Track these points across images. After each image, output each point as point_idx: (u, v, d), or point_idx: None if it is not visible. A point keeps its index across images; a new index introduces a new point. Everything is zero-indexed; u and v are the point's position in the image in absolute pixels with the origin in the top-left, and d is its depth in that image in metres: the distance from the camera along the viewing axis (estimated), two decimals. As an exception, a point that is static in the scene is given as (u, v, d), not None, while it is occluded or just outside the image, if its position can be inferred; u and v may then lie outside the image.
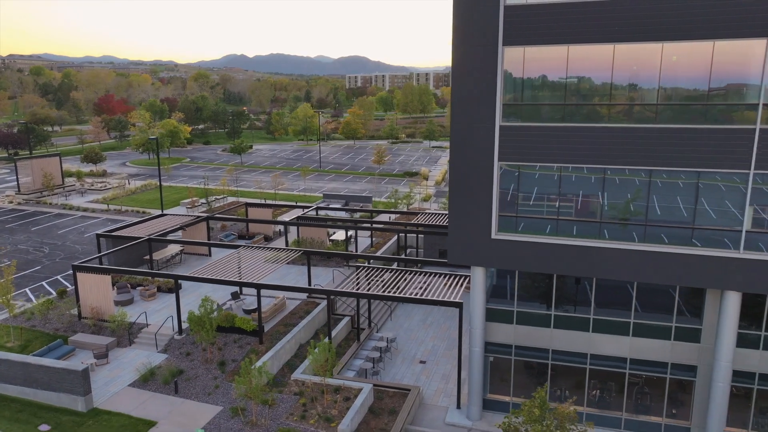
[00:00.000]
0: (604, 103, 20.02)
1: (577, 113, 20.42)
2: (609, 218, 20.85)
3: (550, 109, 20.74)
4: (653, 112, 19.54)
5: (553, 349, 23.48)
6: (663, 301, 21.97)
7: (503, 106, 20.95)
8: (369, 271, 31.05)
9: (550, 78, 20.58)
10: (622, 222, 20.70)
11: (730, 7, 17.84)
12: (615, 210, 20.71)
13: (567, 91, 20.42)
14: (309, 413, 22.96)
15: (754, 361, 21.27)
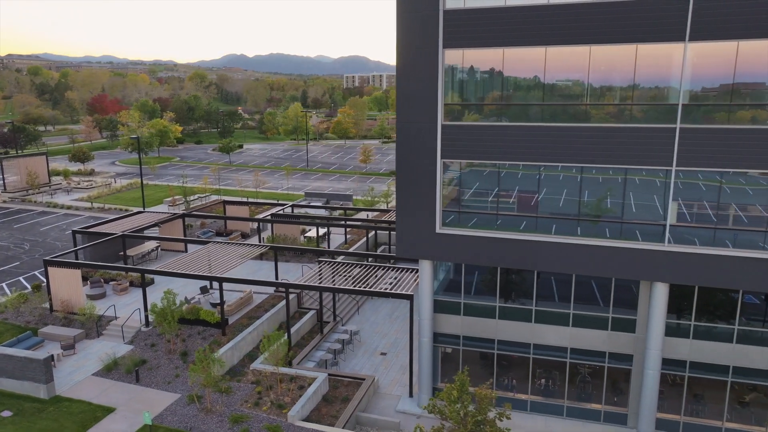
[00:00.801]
0: (535, 103, 21.01)
1: (515, 113, 21.39)
2: (548, 213, 21.84)
3: (489, 109, 21.70)
4: (584, 111, 20.52)
5: (498, 339, 24.44)
6: (601, 293, 22.95)
7: (444, 105, 21.91)
8: (335, 266, 32.00)
9: (488, 79, 21.56)
10: (556, 217, 21.68)
11: (651, 13, 18.80)
12: (553, 205, 21.69)
13: (504, 92, 21.40)
14: (263, 401, 23.91)
15: (684, 350, 22.25)
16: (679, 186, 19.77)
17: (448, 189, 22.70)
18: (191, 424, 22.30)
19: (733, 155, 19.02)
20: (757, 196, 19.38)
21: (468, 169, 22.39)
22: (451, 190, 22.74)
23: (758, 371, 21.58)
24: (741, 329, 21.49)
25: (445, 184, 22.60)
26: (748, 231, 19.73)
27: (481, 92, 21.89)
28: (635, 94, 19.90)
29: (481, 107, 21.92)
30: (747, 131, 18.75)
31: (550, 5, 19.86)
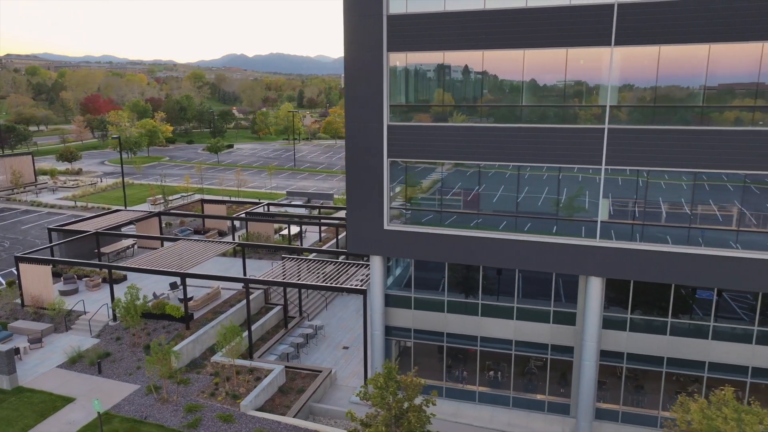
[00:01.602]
0: (473, 104, 21.89)
1: (455, 113, 22.27)
2: (489, 210, 22.71)
3: (435, 110, 22.57)
4: (519, 112, 21.39)
5: (447, 332, 25.31)
6: (544, 288, 23.81)
7: (390, 107, 22.78)
8: (301, 263, 32.83)
9: (432, 80, 22.43)
10: (496, 214, 22.56)
11: (580, 19, 19.67)
12: (494, 202, 22.56)
13: (446, 94, 22.27)
14: (219, 391, 24.76)
15: (622, 342, 23.12)
16: (620, 183, 20.66)
17: (398, 187, 23.57)
18: (147, 413, 23.15)
19: (658, 154, 19.89)
20: (688, 193, 20.28)
21: (420, 168, 23.23)
22: (401, 188, 23.60)
23: (691, 362, 22.45)
24: (674, 322, 22.36)
25: (395, 181, 23.48)
26: (679, 227, 20.60)
27: (425, 94, 22.75)
28: (567, 96, 20.77)
29: (428, 108, 22.78)
30: (669, 132, 19.63)
31: (486, 11, 20.73)
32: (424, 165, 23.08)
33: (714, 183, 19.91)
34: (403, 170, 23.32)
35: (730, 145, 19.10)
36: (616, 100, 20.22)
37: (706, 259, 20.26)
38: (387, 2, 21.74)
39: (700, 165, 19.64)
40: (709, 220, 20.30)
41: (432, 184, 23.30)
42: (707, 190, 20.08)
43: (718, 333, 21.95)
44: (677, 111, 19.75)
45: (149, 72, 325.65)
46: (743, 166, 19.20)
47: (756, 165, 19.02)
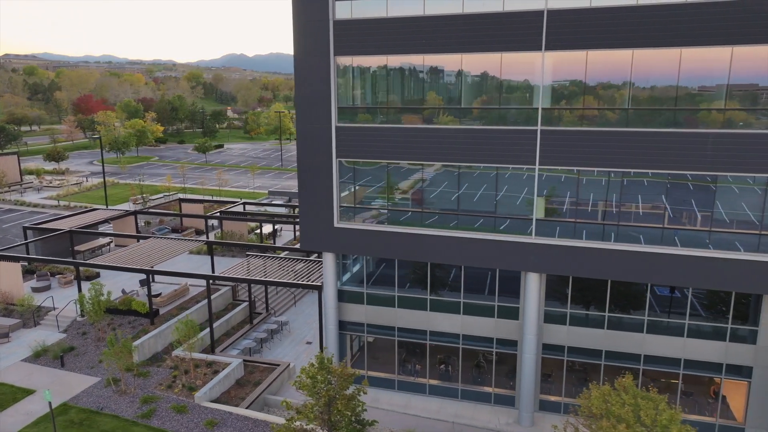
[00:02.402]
0: (416, 106, 22.73)
1: (404, 115, 23.10)
2: (431, 208, 23.55)
3: (378, 111, 23.42)
4: (458, 114, 22.24)
5: (398, 327, 26.14)
6: (489, 283, 24.64)
7: (338, 108, 23.61)
8: (266, 260, 33.65)
9: (378, 83, 23.27)
10: (437, 212, 23.42)
11: (511, 25, 20.51)
12: (438, 201, 23.41)
13: (389, 96, 23.12)
14: (176, 384, 25.59)
15: (562, 336, 23.98)
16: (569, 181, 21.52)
17: (350, 186, 24.40)
18: (104, 404, 23.97)
19: (588, 155, 20.75)
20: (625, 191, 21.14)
21: (369, 167, 24.01)
22: (352, 187, 24.43)
23: (628, 355, 23.31)
24: (611, 316, 23.21)
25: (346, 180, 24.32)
26: (613, 225, 21.46)
27: (372, 96, 23.59)
28: (503, 99, 21.63)
29: (374, 110, 23.62)
30: (597, 133, 20.48)
31: (425, 17, 21.58)
32: (384, 164, 23.90)
33: (658, 180, 20.77)
34: (359, 169, 24.14)
35: (653, 146, 19.95)
36: (549, 103, 21.08)
37: (637, 256, 21.10)
38: (333, 8, 22.57)
39: (627, 165, 20.50)
40: (647, 218, 21.13)
41: (377, 183, 24.14)
42: (652, 189, 20.94)
43: (651, 327, 22.81)
44: (608, 113, 20.61)
45: (147, 72, 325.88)
46: (666, 166, 20.05)
47: (677, 165, 19.88)
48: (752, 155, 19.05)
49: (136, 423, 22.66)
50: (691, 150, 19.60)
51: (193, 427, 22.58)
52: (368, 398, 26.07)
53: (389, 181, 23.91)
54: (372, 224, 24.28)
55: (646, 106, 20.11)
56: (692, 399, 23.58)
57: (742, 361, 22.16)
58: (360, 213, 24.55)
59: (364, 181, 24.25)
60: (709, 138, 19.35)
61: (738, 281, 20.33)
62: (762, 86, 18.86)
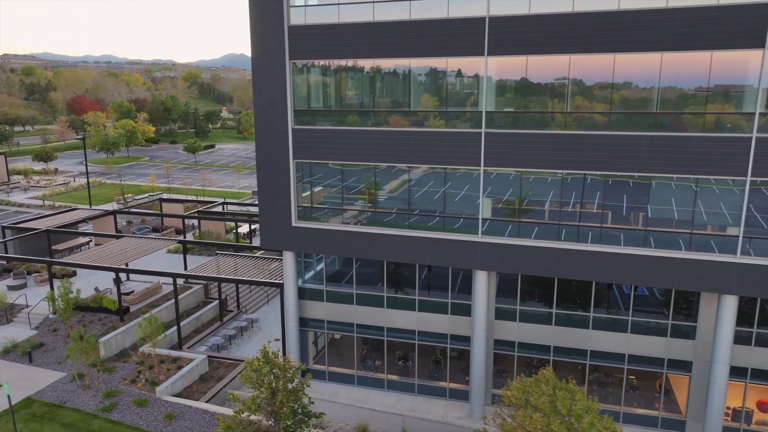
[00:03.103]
0: (369, 110, 23.46)
1: (359, 117, 23.81)
2: (386, 208, 24.27)
3: (332, 114, 24.14)
4: (407, 117, 22.97)
5: (357, 323, 26.86)
6: (443, 280, 25.34)
7: (294, 111, 24.33)
8: (237, 259, 34.36)
9: (332, 86, 23.99)
10: (390, 211, 24.15)
11: (455, 31, 21.23)
12: (392, 201, 24.14)
13: (342, 99, 23.84)
14: (139, 378, 26.30)
15: (513, 332, 24.70)
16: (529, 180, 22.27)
17: (307, 186, 25.12)
18: (66, 398, 24.68)
19: (529, 157, 21.47)
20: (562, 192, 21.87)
21: (328, 168, 24.69)
22: (312, 187, 25.14)
23: (575, 350, 24.04)
24: (558, 313, 23.94)
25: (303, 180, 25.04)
26: (556, 224, 22.19)
27: (327, 99, 24.31)
28: (449, 102, 22.35)
29: (329, 113, 24.32)
30: (536, 135, 21.21)
31: (374, 23, 22.29)
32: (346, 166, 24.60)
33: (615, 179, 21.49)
34: (317, 169, 24.85)
35: (590, 148, 20.68)
36: (493, 106, 21.81)
37: (580, 254, 21.80)
38: (288, 13, 23.28)
39: (567, 166, 21.23)
40: (592, 218, 21.85)
41: (334, 183, 24.85)
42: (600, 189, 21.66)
43: (596, 323, 23.54)
44: (550, 116, 21.34)
45: (146, 72, 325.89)
46: (602, 167, 20.78)
47: (613, 166, 20.61)
48: (682, 157, 19.78)
49: (96, 416, 23.37)
50: (626, 151, 20.33)
51: (151, 420, 23.29)
52: (328, 392, 26.96)
53: (343, 181, 24.62)
54: (328, 223, 24.99)
55: (583, 109, 20.84)
56: (639, 393, 24.33)
57: (683, 356, 22.90)
58: (317, 213, 25.26)
59: (324, 182, 24.96)
60: (643, 140, 20.08)
61: (676, 279, 21.05)
62: (697, 88, 19.60)
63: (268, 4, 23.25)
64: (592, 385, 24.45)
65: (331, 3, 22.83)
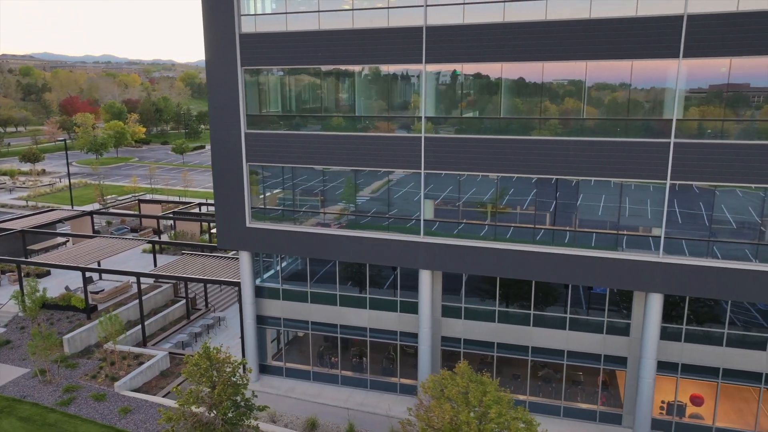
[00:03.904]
0: (318, 114, 24.35)
1: (308, 122, 24.70)
2: (336, 209, 25.16)
3: (283, 118, 25.03)
4: (352, 121, 23.87)
5: (311, 321, 27.73)
6: (393, 279, 26.22)
7: (247, 116, 25.21)
8: (204, 258, 35.24)
9: (282, 92, 24.89)
10: (335, 212, 25.06)
11: (395, 40, 22.12)
12: (344, 202, 25.04)
13: (292, 104, 24.74)
14: (100, 374, 27.18)
15: (459, 329, 25.59)
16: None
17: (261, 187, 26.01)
18: (27, 393, 25.55)
19: (467, 160, 22.37)
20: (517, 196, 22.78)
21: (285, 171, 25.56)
22: (269, 188, 26.02)
23: (517, 346, 24.93)
24: (500, 310, 24.83)
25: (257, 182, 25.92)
26: (493, 225, 23.09)
27: (277, 104, 25.20)
28: (393, 107, 23.25)
29: (280, 117, 25.20)
30: (473, 140, 22.12)
31: (321, 31, 23.18)
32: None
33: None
34: (276, 171, 25.74)
35: (521, 152, 21.58)
36: (434, 112, 22.71)
37: (517, 254, 22.67)
38: (239, 22, 24.17)
39: (501, 170, 22.12)
40: (529, 219, 22.76)
41: (288, 185, 25.73)
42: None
43: (537, 320, 24.44)
44: (483, 122, 22.25)
45: (145, 72, 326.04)
46: (533, 171, 21.69)
47: (543, 170, 21.52)
48: (607, 161, 20.68)
49: (54, 410, 24.24)
50: (556, 155, 21.23)
51: (107, 413, 24.17)
52: (285, 388, 27.86)
53: (297, 183, 25.51)
54: (279, 224, 25.87)
55: (517, 115, 21.75)
56: (581, 388, 25.22)
57: (618, 352, 23.78)
58: (271, 214, 26.14)
59: (279, 184, 25.85)
60: (570, 145, 20.99)
61: (604, 278, 21.94)
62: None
63: (220, 13, 24.12)
64: (538, 380, 25.34)
65: (280, 12, 23.73)
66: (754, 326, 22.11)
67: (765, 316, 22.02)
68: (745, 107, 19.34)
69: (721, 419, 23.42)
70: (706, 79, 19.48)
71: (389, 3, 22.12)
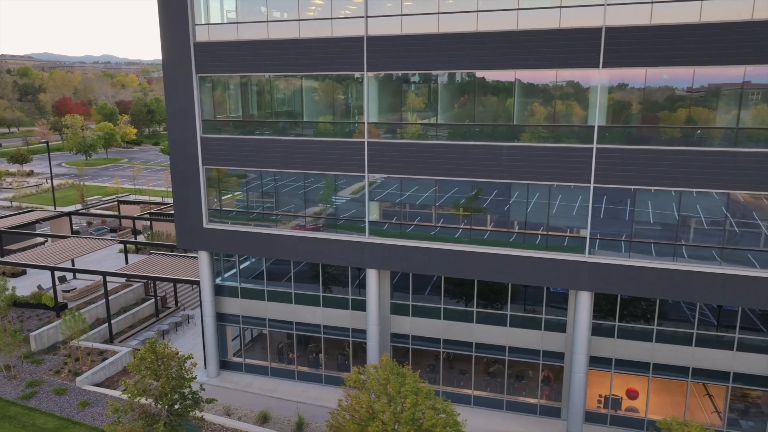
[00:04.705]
0: (268, 120, 25.38)
1: (262, 127, 25.72)
2: (289, 211, 26.19)
3: (236, 123, 26.05)
4: (300, 127, 24.91)
5: (268, 318, 28.76)
6: (345, 278, 27.22)
7: (203, 121, 26.24)
8: (174, 259, 36.26)
9: (236, 98, 25.92)
10: (286, 213, 26.09)
11: (338, 49, 23.15)
12: (296, 204, 26.07)
13: (245, 110, 25.78)
14: (64, 369, 28.19)
15: (407, 326, 26.60)
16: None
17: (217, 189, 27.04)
18: (-9, 387, 26.59)
19: (407, 164, 23.40)
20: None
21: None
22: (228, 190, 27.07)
23: (462, 342, 25.95)
24: (445, 308, 25.86)
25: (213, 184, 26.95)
26: (436, 226, 24.13)
27: (231, 109, 26.23)
28: (336, 114, 24.30)
29: (234, 122, 26.23)
30: (415, 145, 23.15)
31: (269, 40, 24.20)
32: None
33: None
34: (232, 174, 26.78)
35: (459, 156, 22.62)
36: (377, 117, 23.75)
37: (455, 254, 23.68)
38: (194, 31, 25.19)
39: (439, 173, 23.14)
40: (470, 220, 23.79)
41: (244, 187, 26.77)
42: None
43: (479, 317, 25.47)
44: (422, 127, 23.30)
45: (144, 72, 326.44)
46: (469, 175, 22.72)
47: (481, 174, 22.55)
48: (536, 165, 21.73)
49: (15, 404, 25.25)
50: (490, 160, 22.26)
51: (66, 407, 25.18)
52: (243, 383, 28.88)
53: (246, 185, 26.54)
54: (234, 225, 26.89)
55: (454, 121, 22.80)
56: (524, 382, 26.25)
57: (556, 347, 24.82)
58: (227, 215, 27.16)
59: (235, 186, 26.89)
60: (504, 150, 22.03)
61: (536, 276, 22.96)
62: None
63: (176, 22, 25.13)
64: (484, 375, 26.32)
65: (231, 22, 24.76)
66: (682, 323, 23.15)
67: (692, 313, 23.07)
68: (668, 113, 20.42)
69: (657, 412, 24.46)
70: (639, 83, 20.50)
71: (333, 15, 23.15)
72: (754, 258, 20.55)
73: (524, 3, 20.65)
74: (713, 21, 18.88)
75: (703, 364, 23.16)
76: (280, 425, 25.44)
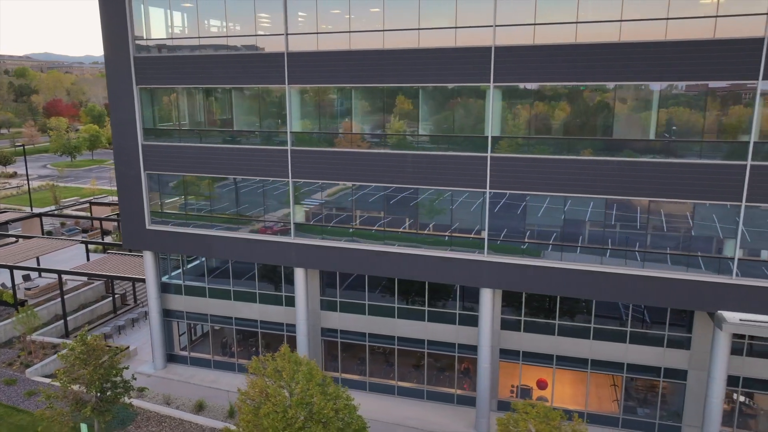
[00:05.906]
0: (203, 128, 27.21)
1: (203, 134, 27.55)
2: (223, 213, 28.02)
3: (174, 131, 27.89)
4: (231, 136, 26.75)
5: (210, 314, 30.59)
6: (277, 276, 29.06)
7: (144, 129, 28.05)
8: (133, 258, 38.03)
9: (174, 108, 27.75)
10: (224, 215, 27.92)
11: (263, 64, 24.99)
12: (230, 206, 27.90)
13: (182, 118, 27.61)
14: (16, 362, 30.00)
15: (335, 321, 28.42)
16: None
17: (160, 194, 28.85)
18: (-55, 378, 28.39)
19: (326, 170, 25.24)
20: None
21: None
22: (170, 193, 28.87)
23: (385, 336, 27.80)
24: (370, 304, 27.70)
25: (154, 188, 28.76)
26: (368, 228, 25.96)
27: (170, 118, 28.06)
28: (263, 125, 26.15)
29: (173, 130, 28.05)
30: (333, 153, 24.98)
31: (203, 56, 26.05)
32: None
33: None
34: (173, 178, 28.58)
35: (371, 163, 24.46)
36: (300, 127, 25.59)
37: (376, 254, 25.46)
38: (133, 45, 27.00)
39: (355, 179, 24.98)
40: (389, 223, 25.62)
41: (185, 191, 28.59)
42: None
43: (400, 312, 27.30)
44: (338, 136, 25.13)
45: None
46: (381, 180, 24.55)
47: (391, 179, 24.38)
48: (438, 172, 23.58)
49: (-35, 392, 27.08)
50: (398, 167, 24.11)
51: (13, 395, 27.00)
52: (187, 375, 30.69)
53: (185, 189, 28.37)
54: (171, 227, 28.71)
55: (369, 131, 24.63)
56: (445, 374, 28.09)
57: (469, 341, 26.66)
58: (168, 217, 28.99)
59: (175, 190, 28.72)
60: (408, 158, 23.87)
61: (441, 274, 24.73)
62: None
63: (116, 37, 26.94)
64: (408, 367, 28.14)
65: (166, 38, 26.60)
66: (580, 317, 25.02)
67: (588, 308, 24.93)
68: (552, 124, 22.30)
69: (564, 401, 26.31)
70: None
71: (257, 31, 25.00)
72: (633, 257, 22.41)
73: (424, 25, 22.56)
74: (587, 42, 20.76)
75: (600, 355, 25.05)
76: (213, 413, 27.22)
